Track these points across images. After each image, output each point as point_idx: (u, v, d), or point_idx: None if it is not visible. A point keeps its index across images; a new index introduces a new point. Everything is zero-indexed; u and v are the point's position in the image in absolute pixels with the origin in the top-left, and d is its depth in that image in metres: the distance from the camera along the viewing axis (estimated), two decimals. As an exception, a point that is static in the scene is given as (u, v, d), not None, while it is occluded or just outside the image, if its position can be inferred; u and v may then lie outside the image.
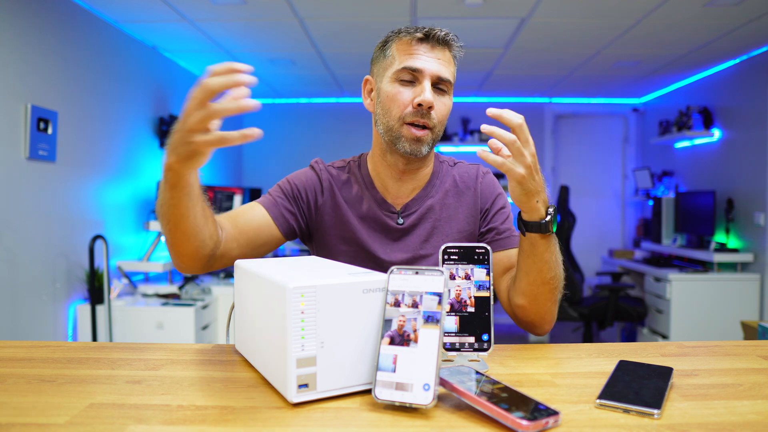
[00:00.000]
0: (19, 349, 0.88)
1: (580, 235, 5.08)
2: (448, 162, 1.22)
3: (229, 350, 0.88)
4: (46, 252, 2.73)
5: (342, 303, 0.65)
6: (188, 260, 0.95)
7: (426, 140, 1.05)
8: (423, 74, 1.02)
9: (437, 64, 1.03)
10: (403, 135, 1.04)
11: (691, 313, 3.74)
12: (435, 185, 1.17)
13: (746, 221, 3.78)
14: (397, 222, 1.13)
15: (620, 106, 5.52)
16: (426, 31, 1.03)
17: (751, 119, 3.72)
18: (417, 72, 1.02)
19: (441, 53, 1.04)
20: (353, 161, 1.20)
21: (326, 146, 5.54)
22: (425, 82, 1.02)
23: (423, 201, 1.15)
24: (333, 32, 3.44)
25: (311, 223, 1.16)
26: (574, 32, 3.38)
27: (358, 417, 0.60)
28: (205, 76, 0.71)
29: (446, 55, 1.05)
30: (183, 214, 0.87)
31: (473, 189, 1.17)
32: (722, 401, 0.65)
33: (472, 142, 5.36)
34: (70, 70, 2.88)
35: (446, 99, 1.06)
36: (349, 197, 1.15)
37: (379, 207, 1.14)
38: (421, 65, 1.02)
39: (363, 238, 1.12)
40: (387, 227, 1.13)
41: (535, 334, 1.02)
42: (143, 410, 0.62)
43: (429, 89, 1.01)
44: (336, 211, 1.14)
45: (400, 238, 1.13)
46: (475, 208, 1.16)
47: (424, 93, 1.01)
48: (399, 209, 1.14)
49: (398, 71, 1.04)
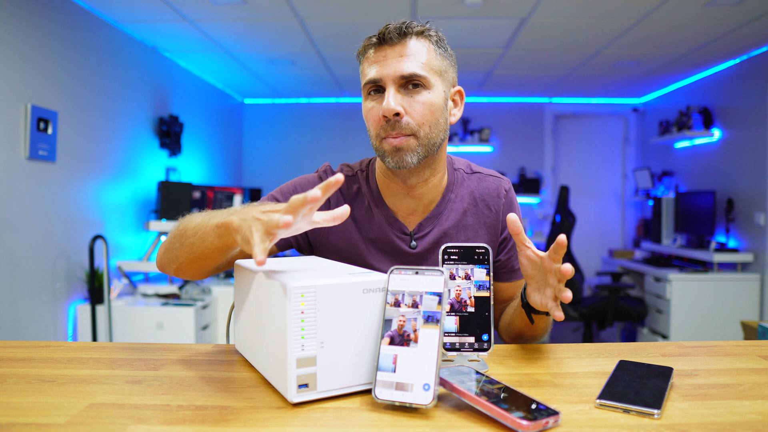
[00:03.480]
0: (19, 349, 0.88)
1: (580, 235, 5.08)
2: (464, 169, 1.10)
3: (229, 350, 0.88)
4: (46, 252, 2.73)
5: (342, 303, 0.65)
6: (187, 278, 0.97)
7: (407, 148, 0.93)
8: (384, 82, 0.93)
9: (397, 62, 0.92)
10: (384, 150, 0.95)
11: (691, 313, 3.74)
12: (450, 200, 1.06)
13: (746, 221, 3.78)
14: (410, 246, 1.04)
15: (620, 106, 5.52)
16: (380, 33, 0.95)
17: (751, 119, 3.72)
18: (378, 82, 0.94)
19: (402, 48, 0.93)
20: (361, 171, 1.09)
21: (326, 146, 5.55)
22: (388, 89, 0.93)
23: (437, 220, 1.05)
24: (333, 32, 3.44)
25: (315, 240, 1.07)
26: (574, 32, 3.38)
27: (358, 417, 0.60)
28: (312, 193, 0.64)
29: (411, 48, 0.93)
30: (209, 256, 0.85)
31: (495, 211, 1.07)
32: (722, 401, 0.65)
33: (472, 142, 5.36)
34: (70, 70, 2.88)
35: (423, 95, 0.93)
36: (359, 215, 1.05)
37: (390, 226, 1.04)
38: (377, 73, 0.93)
39: (372, 262, 1.03)
40: (399, 251, 1.04)
41: None
42: (143, 410, 0.62)
43: (391, 96, 0.92)
44: (345, 233, 1.05)
45: (413, 263, 1.03)
46: (495, 233, 1.07)
47: (386, 102, 0.92)
48: (412, 230, 1.04)
49: (364, 87, 0.97)
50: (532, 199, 5.41)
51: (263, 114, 5.67)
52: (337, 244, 1.05)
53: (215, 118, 4.98)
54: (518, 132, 5.54)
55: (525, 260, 0.82)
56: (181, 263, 0.91)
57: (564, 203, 4.00)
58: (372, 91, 0.96)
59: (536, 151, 5.55)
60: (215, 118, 4.98)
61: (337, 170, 1.10)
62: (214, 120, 4.95)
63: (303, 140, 5.60)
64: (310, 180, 1.08)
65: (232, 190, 4.28)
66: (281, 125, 5.64)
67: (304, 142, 5.59)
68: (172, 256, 0.92)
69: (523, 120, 5.55)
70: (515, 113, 5.54)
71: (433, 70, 0.95)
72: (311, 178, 1.09)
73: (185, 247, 0.87)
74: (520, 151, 5.54)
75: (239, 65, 4.26)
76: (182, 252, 0.89)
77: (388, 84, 0.93)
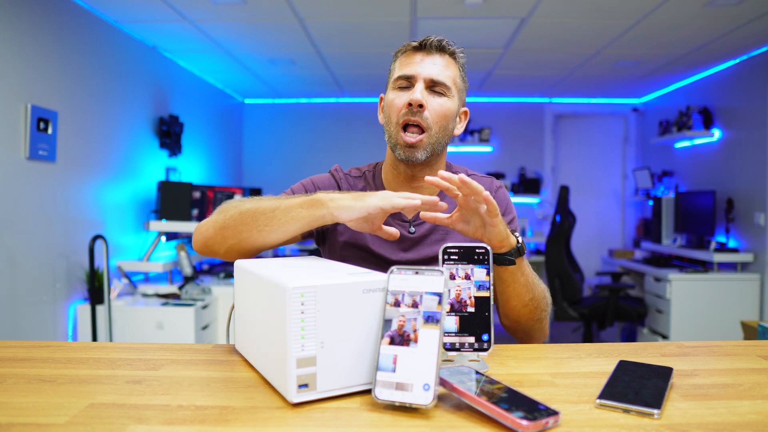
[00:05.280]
0: (19, 349, 0.88)
1: (580, 235, 5.08)
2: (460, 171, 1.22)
3: (229, 350, 0.88)
4: (46, 252, 2.73)
5: (342, 303, 0.65)
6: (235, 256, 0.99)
7: (420, 145, 1.07)
8: (415, 78, 1.08)
9: (430, 67, 1.08)
10: (398, 141, 1.08)
11: (691, 313, 3.74)
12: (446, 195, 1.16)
13: (746, 221, 3.78)
14: (408, 231, 1.14)
15: (620, 106, 5.52)
16: (421, 41, 1.09)
17: (751, 119, 3.72)
18: (410, 78, 1.08)
19: (436, 58, 1.09)
20: (368, 171, 1.23)
21: (326, 146, 5.55)
22: (417, 84, 1.07)
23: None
24: (333, 32, 3.44)
25: (326, 227, 1.17)
26: (574, 32, 3.38)
27: (358, 417, 0.60)
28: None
29: (442, 60, 1.09)
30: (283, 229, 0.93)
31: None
32: (722, 401, 0.65)
33: (472, 142, 5.37)
34: (70, 70, 2.88)
35: (443, 100, 1.08)
36: None
37: (391, 217, 1.15)
38: (412, 71, 1.08)
39: (373, 246, 1.13)
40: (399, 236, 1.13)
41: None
42: (143, 410, 0.62)
43: (419, 90, 1.06)
44: None
45: (412, 247, 1.14)
46: None
47: (415, 93, 1.06)
48: (411, 218, 1.15)
49: (395, 80, 1.11)
50: (532, 199, 5.41)
51: (263, 114, 5.67)
52: (343, 230, 1.16)
53: (215, 118, 4.98)
54: (518, 132, 5.54)
55: (459, 226, 0.92)
56: (244, 237, 0.96)
57: (564, 203, 4.00)
58: (400, 86, 1.10)
59: (536, 151, 5.55)
60: (215, 118, 4.98)
61: (347, 171, 1.24)
62: (214, 120, 4.95)
63: (303, 140, 5.60)
64: (326, 178, 1.21)
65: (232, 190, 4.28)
66: (281, 125, 5.64)
67: (304, 142, 5.59)
68: (230, 232, 0.97)
69: (523, 120, 5.55)
70: (515, 113, 5.54)
71: (454, 84, 1.10)
72: (325, 176, 1.22)
73: (259, 221, 0.95)
74: (520, 151, 5.54)
75: (239, 65, 4.26)
76: (252, 225, 0.95)
77: (419, 81, 1.07)
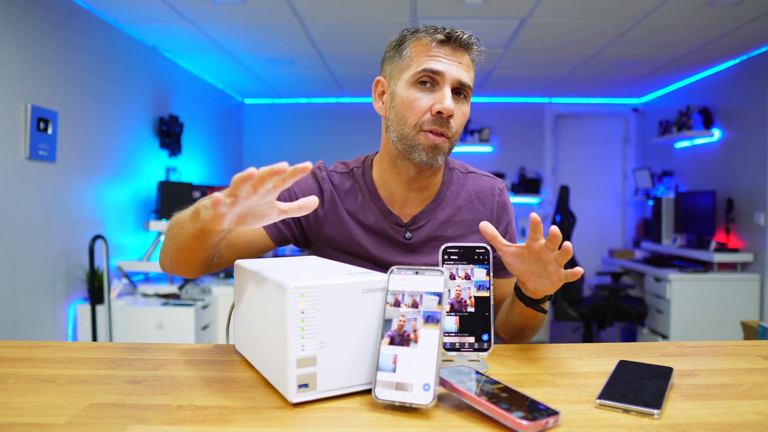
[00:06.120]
0: (19, 349, 0.87)
1: (580, 235, 5.08)
2: (459, 169, 1.13)
3: (229, 350, 0.88)
4: (46, 252, 2.73)
5: (342, 303, 0.65)
6: (180, 274, 1.00)
7: (443, 149, 0.97)
8: (444, 78, 0.94)
9: (458, 68, 0.95)
10: (420, 143, 0.96)
11: (691, 313, 3.74)
12: (446, 197, 1.08)
13: (746, 221, 3.78)
14: (404, 237, 1.06)
15: (620, 106, 5.52)
16: (447, 33, 0.95)
17: (751, 119, 3.72)
18: (438, 75, 0.94)
19: (462, 57, 0.96)
20: (357, 167, 1.11)
21: (326, 146, 5.54)
22: (445, 88, 0.94)
23: (432, 214, 1.07)
24: (333, 32, 3.44)
25: (309, 233, 1.10)
26: (574, 32, 3.38)
27: (358, 417, 0.60)
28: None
29: (466, 59, 0.98)
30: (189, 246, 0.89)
31: (489, 208, 1.10)
32: (722, 401, 0.65)
33: (472, 142, 5.37)
34: (70, 70, 2.88)
35: (465, 106, 0.99)
36: (353, 208, 1.08)
37: (385, 219, 1.06)
38: (442, 68, 0.94)
39: (369, 247, 1.06)
40: (394, 241, 1.06)
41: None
42: (143, 410, 0.62)
43: (449, 96, 0.93)
44: (338, 224, 1.07)
45: (408, 253, 1.06)
46: None
47: (445, 100, 0.93)
48: (407, 222, 1.06)
49: (417, 74, 0.95)
50: (532, 199, 5.41)
51: (263, 114, 5.67)
52: (331, 234, 1.07)
53: (215, 118, 4.98)
54: (518, 132, 5.54)
55: (510, 259, 0.83)
56: (171, 258, 0.95)
57: (564, 203, 4.00)
58: (422, 81, 0.95)
59: (536, 151, 5.55)
60: (215, 118, 4.98)
61: (332, 167, 1.13)
62: (214, 120, 4.95)
63: (303, 140, 5.60)
64: (305, 180, 1.11)
65: (232, 190, 4.27)
66: (281, 125, 5.64)
67: (304, 142, 5.59)
68: (165, 252, 0.97)
69: (523, 120, 5.55)
70: (515, 113, 5.54)
71: (472, 87, 1.00)
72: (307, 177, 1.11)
73: (170, 240, 0.92)
74: (520, 151, 5.54)
75: (239, 65, 4.26)
76: (170, 245, 0.93)
77: (446, 83, 0.95)
